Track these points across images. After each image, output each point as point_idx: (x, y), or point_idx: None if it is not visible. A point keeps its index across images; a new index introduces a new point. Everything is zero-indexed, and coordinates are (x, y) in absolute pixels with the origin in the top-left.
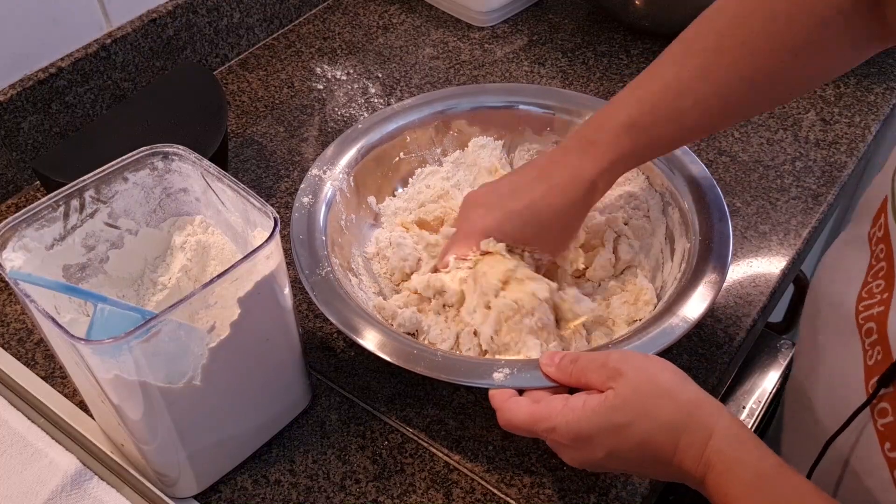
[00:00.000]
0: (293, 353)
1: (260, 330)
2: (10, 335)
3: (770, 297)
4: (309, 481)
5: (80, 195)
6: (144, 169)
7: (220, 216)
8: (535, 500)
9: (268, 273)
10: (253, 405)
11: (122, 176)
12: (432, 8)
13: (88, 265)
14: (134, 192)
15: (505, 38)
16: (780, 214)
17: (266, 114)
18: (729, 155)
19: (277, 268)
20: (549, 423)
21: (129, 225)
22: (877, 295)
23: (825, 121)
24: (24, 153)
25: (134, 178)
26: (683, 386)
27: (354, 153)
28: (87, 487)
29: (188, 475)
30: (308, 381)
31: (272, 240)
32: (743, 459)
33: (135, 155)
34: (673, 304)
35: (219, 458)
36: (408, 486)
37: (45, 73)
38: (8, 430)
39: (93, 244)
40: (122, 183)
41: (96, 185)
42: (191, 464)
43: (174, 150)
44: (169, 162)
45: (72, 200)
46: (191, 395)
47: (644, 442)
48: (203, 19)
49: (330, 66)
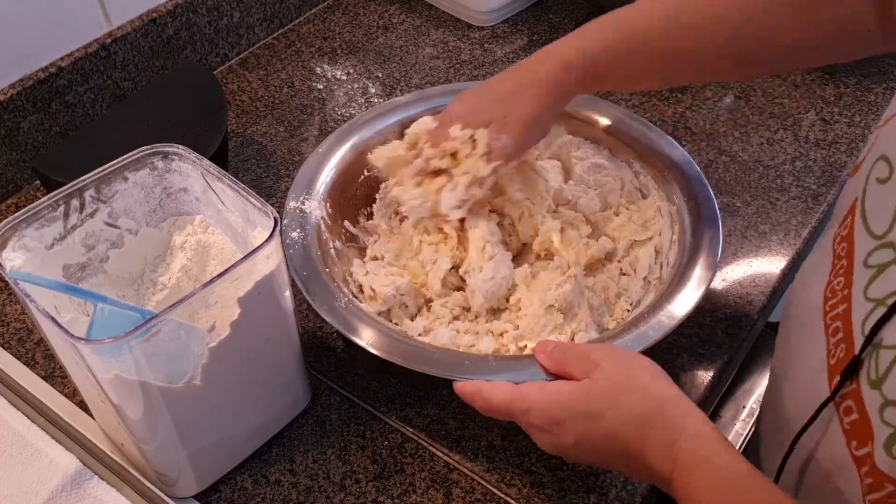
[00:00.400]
0: (293, 353)
1: (260, 330)
2: (10, 335)
3: (770, 297)
4: (309, 481)
5: (80, 195)
6: (144, 168)
7: (221, 216)
8: (535, 500)
9: (268, 273)
10: (253, 405)
11: (123, 175)
12: (432, 8)
13: (88, 265)
14: (134, 191)
15: (505, 37)
16: (780, 214)
17: (266, 113)
18: (729, 155)
19: (277, 268)
20: (525, 404)
21: (129, 224)
22: (839, 293)
23: (825, 120)
24: (23, 153)
25: (134, 177)
26: (660, 383)
27: (325, 178)
28: (87, 487)
29: (188, 475)
30: (308, 381)
31: (272, 240)
32: (712, 459)
33: (135, 154)
34: (665, 296)
35: (219, 457)
36: (408, 485)
37: (45, 72)
38: (8, 430)
39: (93, 244)
40: (123, 182)
41: (96, 184)
42: (191, 463)
43: (174, 149)
44: (169, 161)
45: (72, 200)
46: (191, 394)
47: (613, 432)
48: (203, 19)
49: (330, 66)
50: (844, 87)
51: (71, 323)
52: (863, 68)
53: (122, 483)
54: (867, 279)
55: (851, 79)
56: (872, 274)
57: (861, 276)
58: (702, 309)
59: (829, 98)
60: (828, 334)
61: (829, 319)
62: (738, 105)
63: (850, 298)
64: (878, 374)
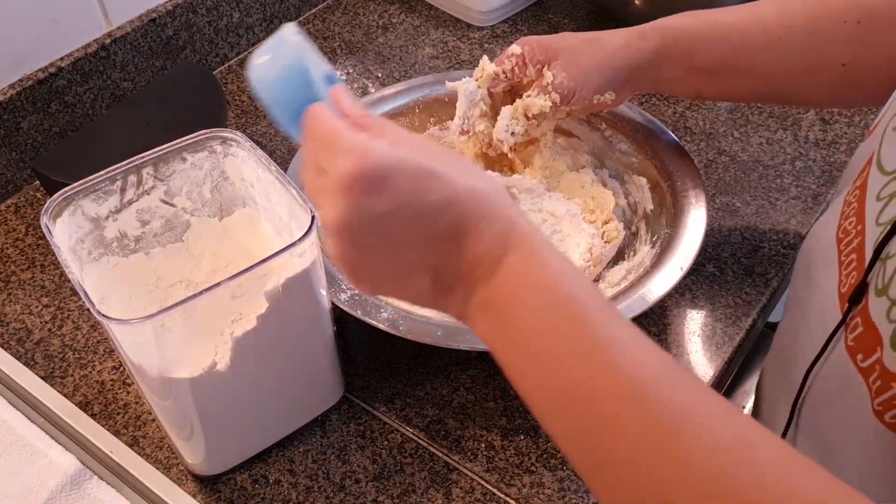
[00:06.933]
0: (326, 349)
1: (290, 325)
2: (10, 335)
3: (770, 297)
4: (309, 481)
5: (138, 171)
6: (203, 151)
7: (271, 205)
8: (535, 500)
9: (301, 270)
10: (278, 395)
11: (181, 156)
12: (432, 7)
13: (142, 238)
14: (191, 172)
15: (505, 37)
16: (780, 214)
17: (266, 113)
18: (728, 155)
19: (312, 265)
20: (355, 140)
21: (185, 204)
22: (851, 231)
23: (825, 121)
24: (23, 153)
25: (192, 158)
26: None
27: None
28: (87, 487)
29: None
30: (339, 378)
31: (307, 237)
32: (550, 246)
33: (195, 137)
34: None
35: (239, 441)
36: (408, 486)
37: (45, 72)
38: (8, 430)
39: (147, 219)
40: (181, 163)
41: (155, 162)
42: (206, 440)
43: (233, 135)
44: (227, 146)
45: (129, 175)
46: (215, 380)
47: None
48: (203, 19)
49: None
50: None
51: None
52: None
53: (121, 483)
54: (878, 209)
55: None
56: (884, 204)
57: (873, 209)
58: (702, 309)
59: None
60: (840, 268)
61: (843, 256)
62: (737, 105)
63: (863, 232)
64: (884, 282)
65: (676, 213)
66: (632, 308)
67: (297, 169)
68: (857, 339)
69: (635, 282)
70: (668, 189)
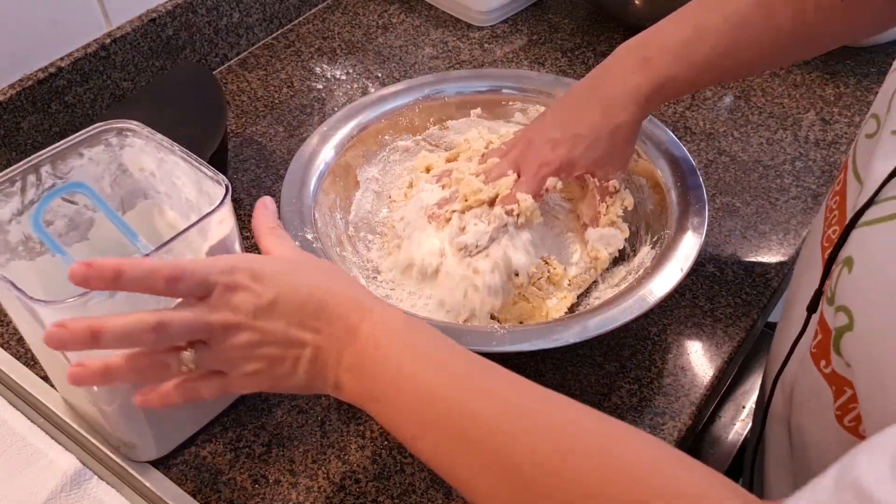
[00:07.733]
0: None
1: None
2: (10, 335)
3: (770, 297)
4: (309, 481)
5: (35, 170)
6: (99, 145)
7: (175, 190)
8: None
9: (222, 237)
10: None
11: (78, 152)
12: (432, 7)
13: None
14: (90, 167)
15: (504, 37)
16: (780, 214)
17: (266, 113)
18: (728, 155)
19: (230, 234)
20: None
21: (86, 201)
22: (833, 239)
23: (825, 120)
24: (23, 153)
25: (89, 153)
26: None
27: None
28: (87, 487)
29: (148, 439)
30: None
31: (223, 206)
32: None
33: (90, 131)
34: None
35: (179, 421)
36: (407, 486)
37: (45, 72)
38: (8, 430)
39: (51, 219)
40: (78, 158)
41: (52, 160)
42: (150, 426)
43: (128, 125)
44: (123, 138)
45: (28, 175)
46: None
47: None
48: (202, 19)
49: (329, 66)
50: (844, 87)
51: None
52: (862, 68)
53: (121, 483)
54: (853, 216)
55: (851, 79)
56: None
57: (850, 215)
58: (702, 309)
59: (828, 98)
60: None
61: (826, 267)
62: (737, 105)
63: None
64: (832, 290)
65: (676, 213)
66: (632, 309)
67: (290, 189)
68: (818, 346)
69: (635, 283)
70: (667, 189)
